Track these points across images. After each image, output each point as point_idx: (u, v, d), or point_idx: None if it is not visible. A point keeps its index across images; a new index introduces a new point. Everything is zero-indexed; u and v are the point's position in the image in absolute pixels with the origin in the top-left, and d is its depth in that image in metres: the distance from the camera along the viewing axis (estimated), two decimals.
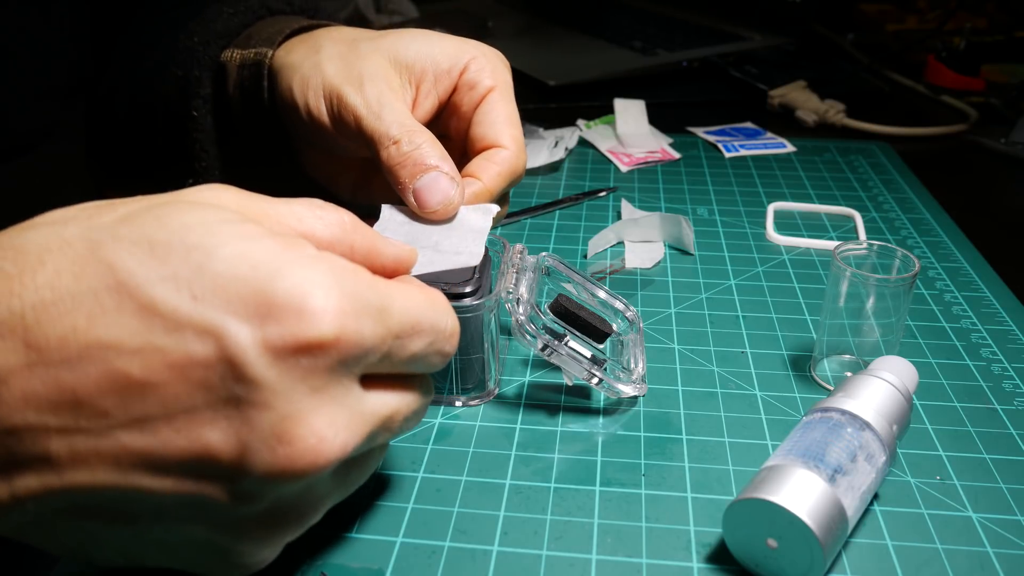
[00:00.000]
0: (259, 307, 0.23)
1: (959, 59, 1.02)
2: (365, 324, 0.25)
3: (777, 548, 0.34)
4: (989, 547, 0.37)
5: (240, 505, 0.25)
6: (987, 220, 0.70)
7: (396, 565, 0.36)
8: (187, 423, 0.23)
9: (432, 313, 0.29)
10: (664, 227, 0.64)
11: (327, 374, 0.24)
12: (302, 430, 0.24)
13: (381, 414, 0.28)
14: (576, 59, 1.07)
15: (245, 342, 0.23)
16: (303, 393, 0.24)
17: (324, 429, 0.24)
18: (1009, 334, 0.53)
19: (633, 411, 0.45)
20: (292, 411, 0.24)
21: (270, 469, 0.24)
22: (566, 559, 0.36)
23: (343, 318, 0.24)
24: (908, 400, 0.40)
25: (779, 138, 0.86)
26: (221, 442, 0.23)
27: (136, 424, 0.23)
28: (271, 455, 0.24)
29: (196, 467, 0.24)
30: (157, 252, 0.23)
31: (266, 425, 0.23)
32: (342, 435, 0.25)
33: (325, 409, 0.24)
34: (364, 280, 0.26)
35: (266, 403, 0.23)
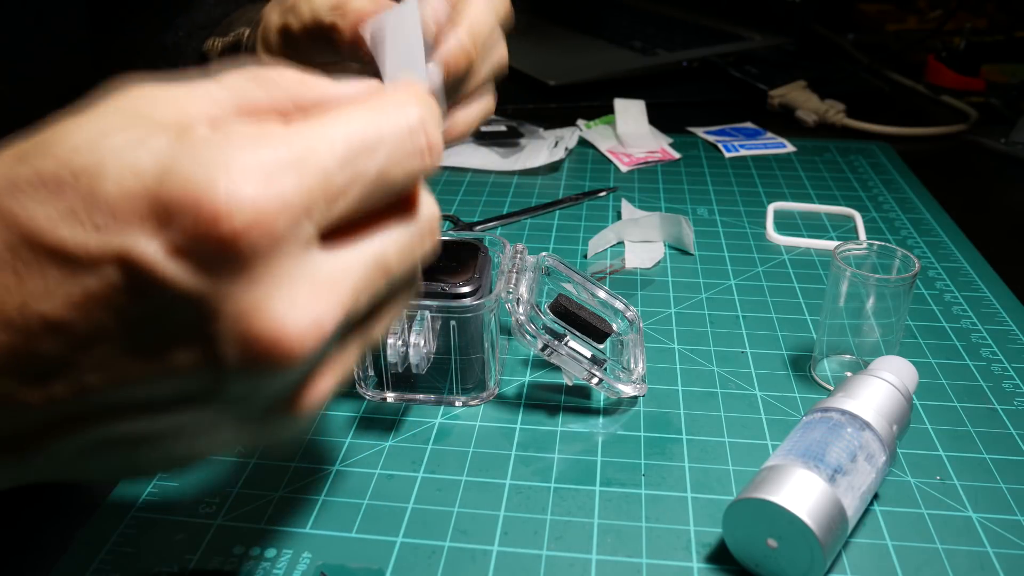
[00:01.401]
0: (158, 216, 0.21)
1: (959, 59, 1.02)
2: (283, 184, 0.21)
3: (777, 548, 0.34)
4: (989, 547, 0.37)
5: (241, 408, 0.24)
6: (987, 220, 0.70)
7: (396, 565, 0.36)
8: (146, 357, 0.22)
9: (375, 118, 0.24)
10: (664, 227, 0.64)
11: (264, 256, 0.21)
12: (261, 324, 0.21)
13: (360, 267, 0.24)
14: (576, 59, 1.07)
15: (156, 258, 0.21)
16: (245, 286, 0.21)
17: (285, 315, 0.22)
18: (1009, 334, 0.53)
19: (633, 411, 0.45)
20: (241, 309, 0.21)
21: (247, 373, 0.22)
22: (566, 559, 0.36)
23: (248, 190, 0.21)
24: (908, 400, 0.40)
25: (779, 138, 0.86)
26: (185, 359, 0.22)
27: (96, 369, 0.22)
28: (241, 360, 0.22)
29: (178, 390, 0.23)
30: (50, 187, 0.21)
31: (222, 333, 0.21)
32: (310, 312, 0.22)
33: (278, 293, 0.22)
34: (268, 136, 0.22)
35: (210, 312, 0.21)
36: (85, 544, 0.37)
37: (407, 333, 0.42)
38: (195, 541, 0.37)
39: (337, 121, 0.23)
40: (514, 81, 1.03)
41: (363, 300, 0.24)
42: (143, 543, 0.37)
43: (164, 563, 0.36)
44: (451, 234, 0.49)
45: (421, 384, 0.46)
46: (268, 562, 0.36)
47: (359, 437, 0.44)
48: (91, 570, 0.36)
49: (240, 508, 0.39)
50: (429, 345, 0.43)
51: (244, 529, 0.38)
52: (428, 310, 0.43)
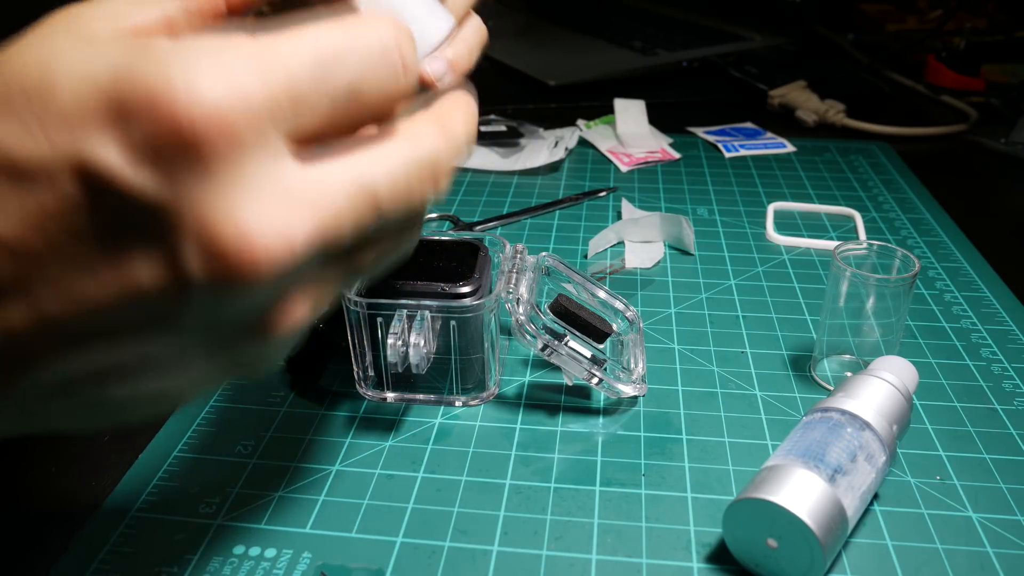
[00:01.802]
0: (114, 117, 0.20)
1: (959, 59, 1.02)
2: (245, 85, 0.20)
3: (777, 548, 0.34)
4: (989, 547, 0.37)
5: (210, 333, 0.22)
6: (987, 220, 0.70)
7: (396, 565, 0.36)
8: (106, 275, 0.21)
9: (346, 32, 0.22)
10: (664, 227, 0.64)
11: (226, 158, 0.20)
12: (225, 232, 0.20)
13: (339, 186, 0.22)
14: (576, 59, 1.07)
15: (113, 161, 0.20)
16: (208, 190, 0.20)
17: (250, 223, 0.20)
18: (1009, 334, 0.53)
19: (633, 411, 0.46)
20: (204, 215, 0.20)
21: (212, 287, 0.21)
22: (566, 559, 0.36)
23: (208, 88, 0.19)
24: (908, 400, 0.40)
25: (779, 138, 0.86)
26: (148, 272, 0.21)
27: (54, 291, 0.21)
28: (205, 271, 0.20)
29: (144, 309, 0.21)
30: (3, 104, 0.20)
31: (185, 242, 0.20)
32: (279, 223, 0.21)
33: (243, 200, 0.20)
34: (230, 42, 0.21)
35: (171, 219, 0.20)
36: (85, 544, 0.37)
37: (407, 333, 0.42)
38: (195, 541, 0.37)
39: (305, 33, 0.22)
40: (514, 81, 1.03)
41: (345, 225, 0.22)
42: (143, 543, 0.37)
43: (164, 563, 0.36)
44: (451, 234, 0.49)
45: (421, 384, 0.46)
46: (268, 562, 0.36)
47: (359, 437, 0.44)
48: (91, 570, 0.36)
49: (240, 508, 0.39)
50: (429, 345, 0.43)
51: (244, 529, 0.38)
52: (428, 310, 0.43)
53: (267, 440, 0.43)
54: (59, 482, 0.41)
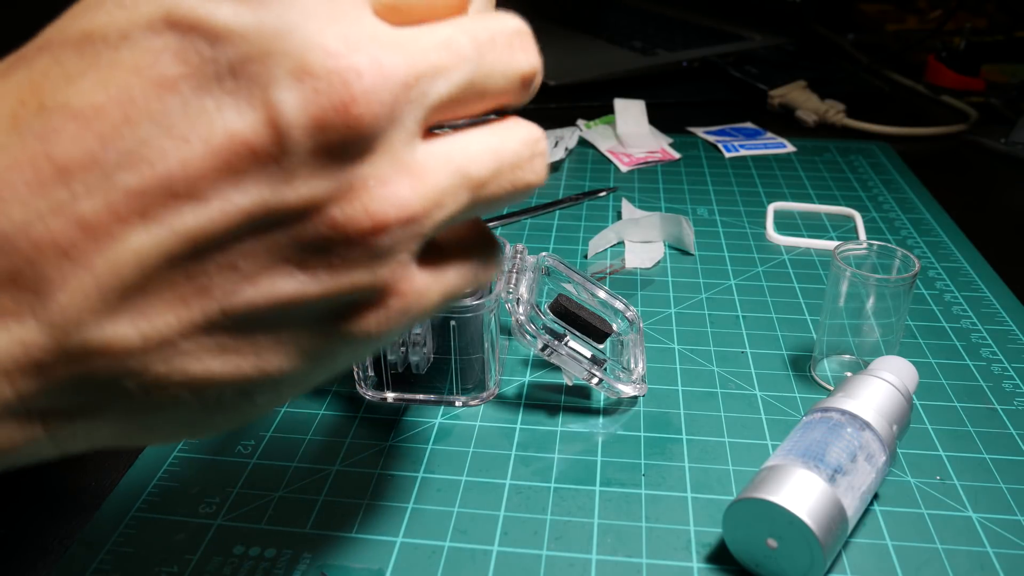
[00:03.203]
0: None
1: (959, 59, 1.02)
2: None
3: (777, 548, 0.34)
4: (989, 547, 0.37)
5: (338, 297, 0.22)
6: (987, 220, 0.70)
7: (396, 565, 0.36)
8: (199, 125, 0.19)
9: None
10: (664, 227, 0.64)
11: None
12: (318, 55, 0.19)
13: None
14: (576, 59, 1.07)
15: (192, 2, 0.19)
16: (297, 15, 0.19)
17: (344, 50, 0.19)
18: (1009, 334, 0.53)
19: (633, 411, 0.46)
20: (299, 42, 0.19)
21: (313, 125, 0.19)
22: (566, 559, 0.36)
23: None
24: (908, 400, 0.40)
25: (779, 138, 0.86)
26: (242, 122, 0.19)
27: (152, 157, 0.19)
28: (300, 101, 0.19)
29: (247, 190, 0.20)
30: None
31: (279, 70, 0.19)
32: (376, 57, 0.20)
33: (339, 28, 0.20)
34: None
35: (262, 46, 0.19)
36: (85, 544, 0.37)
37: (407, 333, 0.42)
38: (195, 541, 0.37)
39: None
40: None
41: (444, 79, 0.22)
42: (143, 543, 0.37)
43: (164, 563, 0.36)
44: None
45: (421, 384, 0.46)
46: (268, 562, 0.36)
47: (359, 437, 0.44)
48: (91, 570, 0.36)
49: (240, 508, 0.39)
50: (429, 345, 0.43)
51: (244, 529, 0.38)
52: None
53: (267, 440, 0.43)
54: (59, 482, 0.41)
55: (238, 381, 0.22)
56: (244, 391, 0.22)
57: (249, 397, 0.22)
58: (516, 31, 0.23)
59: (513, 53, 0.23)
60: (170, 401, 0.21)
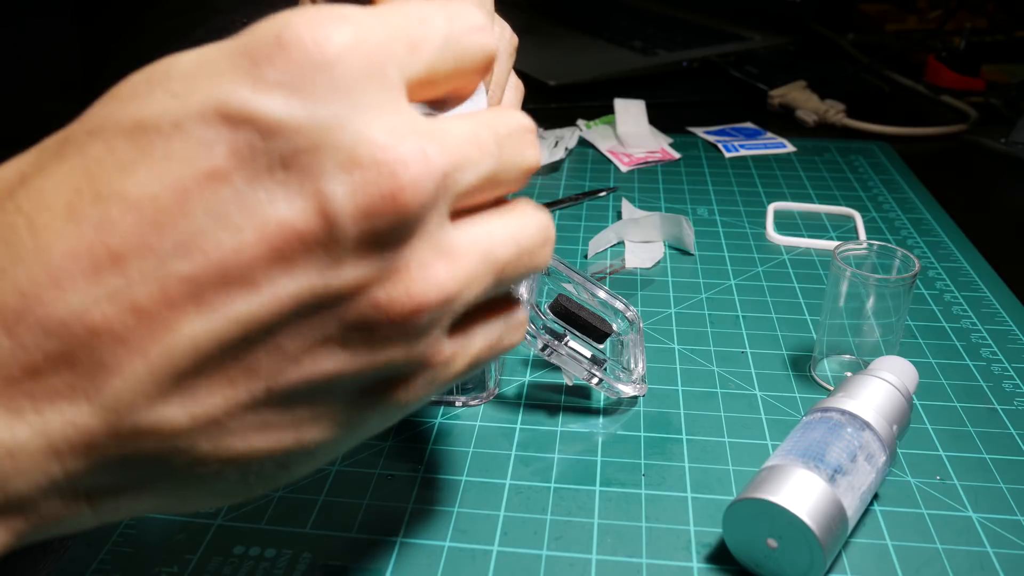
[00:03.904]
0: (245, 63, 0.20)
1: (959, 59, 1.02)
2: (366, 23, 0.21)
3: (777, 548, 0.34)
4: (989, 547, 0.37)
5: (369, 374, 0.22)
6: (987, 220, 0.70)
7: (396, 565, 0.36)
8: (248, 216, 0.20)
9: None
10: (664, 227, 0.64)
11: (361, 83, 0.20)
12: (367, 149, 0.20)
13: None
14: (576, 59, 1.07)
15: (245, 96, 0.20)
16: (348, 112, 0.20)
17: (390, 143, 0.20)
18: (1009, 334, 0.53)
19: (633, 411, 0.46)
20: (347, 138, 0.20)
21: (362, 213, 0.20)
22: (566, 559, 0.36)
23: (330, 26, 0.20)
24: (908, 400, 0.40)
25: (779, 138, 0.86)
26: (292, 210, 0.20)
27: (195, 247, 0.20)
28: (350, 191, 0.20)
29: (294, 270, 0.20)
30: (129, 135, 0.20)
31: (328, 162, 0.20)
32: (419, 148, 0.21)
33: (384, 124, 0.21)
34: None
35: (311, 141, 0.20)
36: (85, 544, 0.37)
37: None
38: (195, 541, 0.37)
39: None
40: None
41: (472, 168, 0.23)
42: (143, 543, 0.37)
43: (164, 563, 0.36)
44: None
45: None
46: (268, 562, 0.36)
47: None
48: (91, 570, 0.36)
49: (240, 508, 0.39)
50: None
51: (244, 529, 0.38)
52: None
53: None
54: None
55: (278, 454, 0.22)
56: (282, 463, 0.23)
57: (286, 468, 0.23)
58: (527, 128, 0.25)
59: (524, 149, 0.25)
60: (212, 475, 0.22)
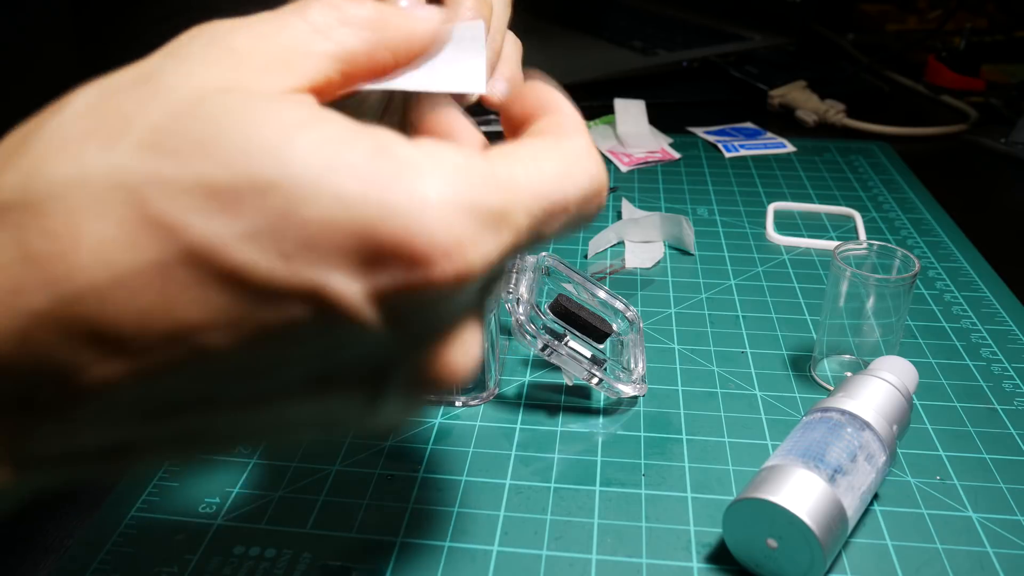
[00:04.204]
0: (361, 252, 0.18)
1: (959, 59, 1.02)
2: (487, 243, 0.20)
3: (777, 548, 0.34)
4: (989, 547, 0.37)
5: (363, 423, 0.23)
6: (987, 220, 0.70)
7: (396, 565, 0.36)
8: (305, 386, 0.20)
9: (569, 182, 0.23)
10: (664, 227, 0.64)
11: (452, 305, 0.21)
12: (435, 368, 0.21)
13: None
14: (576, 59, 1.07)
15: (356, 300, 0.19)
16: (430, 332, 0.21)
17: (457, 358, 0.21)
18: (1009, 334, 0.53)
19: (633, 411, 0.46)
20: (422, 355, 0.21)
21: (402, 407, 0.22)
22: (566, 559, 0.36)
23: (462, 249, 0.19)
24: (908, 400, 0.40)
25: (779, 138, 0.86)
26: (348, 399, 0.21)
27: (253, 403, 0.20)
28: (404, 397, 0.21)
29: (325, 415, 0.22)
30: (224, 202, 0.18)
31: (396, 374, 0.21)
32: (472, 351, 0.22)
33: (455, 338, 0.21)
34: (479, 177, 0.20)
35: (391, 354, 0.20)
36: (85, 544, 0.37)
37: None
38: (195, 541, 0.37)
39: (537, 173, 0.22)
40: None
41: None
42: (143, 543, 0.37)
43: (164, 563, 0.36)
44: None
45: None
46: (268, 562, 0.36)
47: (359, 437, 0.44)
48: (91, 570, 0.36)
49: (240, 508, 0.39)
50: None
51: (244, 529, 0.38)
52: None
53: None
54: None
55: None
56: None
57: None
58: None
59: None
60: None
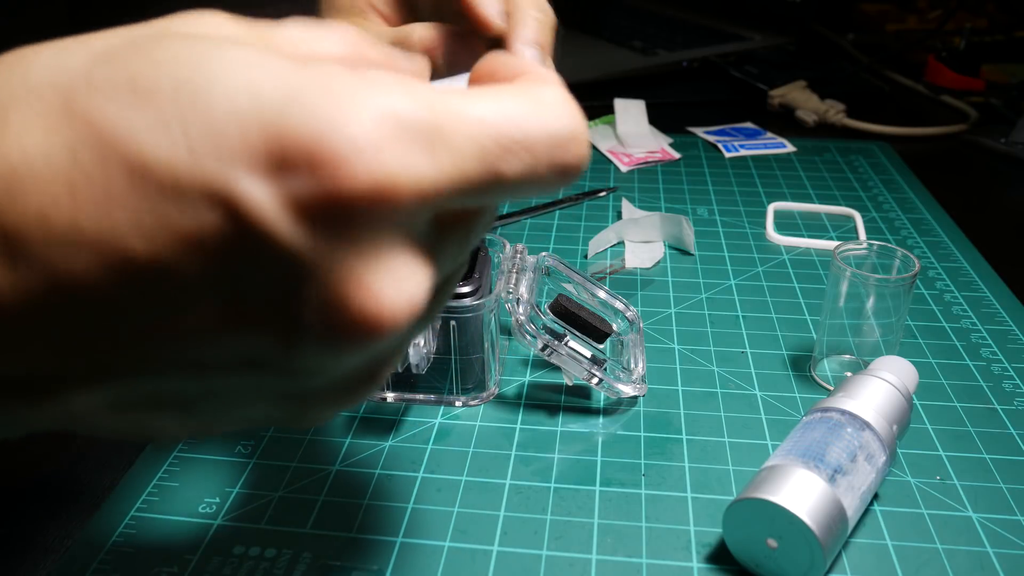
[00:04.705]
0: (271, 152, 0.18)
1: (959, 59, 1.02)
2: (415, 159, 0.18)
3: (777, 548, 0.34)
4: (989, 547, 0.37)
5: (301, 381, 0.21)
6: (987, 220, 0.70)
7: (396, 565, 0.36)
8: (216, 302, 0.19)
9: (531, 120, 0.21)
10: (664, 227, 0.64)
11: (378, 225, 0.19)
12: (356, 292, 0.19)
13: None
14: (576, 59, 1.07)
15: (262, 203, 0.18)
16: (348, 250, 0.19)
17: (382, 285, 0.19)
18: (1009, 334, 0.53)
19: (633, 411, 0.46)
20: (339, 275, 0.19)
21: (327, 342, 0.20)
22: (566, 559, 0.36)
23: (385, 154, 0.18)
24: (908, 400, 0.40)
25: (779, 138, 0.86)
26: (261, 320, 0.19)
27: (156, 311, 0.19)
28: (323, 327, 0.19)
29: (239, 350, 0.20)
30: (140, 94, 0.18)
31: (310, 295, 0.19)
32: (407, 285, 0.20)
33: (382, 263, 0.19)
34: (415, 95, 0.19)
35: (304, 270, 0.19)
36: (85, 544, 0.37)
37: None
38: (195, 541, 0.37)
39: (491, 103, 0.20)
40: None
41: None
42: (143, 543, 0.37)
43: (164, 563, 0.36)
44: None
45: (421, 384, 0.46)
46: (268, 562, 0.36)
47: (359, 437, 0.44)
48: (91, 570, 0.36)
49: (240, 508, 0.39)
50: (429, 345, 0.43)
51: (244, 529, 0.38)
52: None
53: (267, 440, 0.43)
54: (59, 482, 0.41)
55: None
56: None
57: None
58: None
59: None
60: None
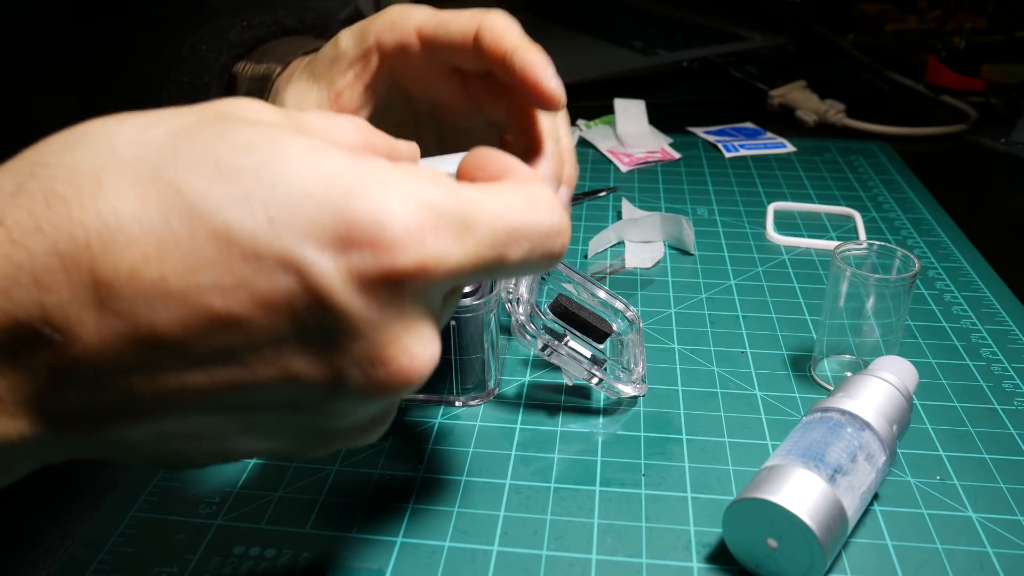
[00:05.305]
0: (339, 234, 0.21)
1: (959, 59, 1.02)
2: (450, 244, 0.23)
3: (777, 548, 0.34)
4: (989, 547, 0.37)
5: (331, 422, 0.25)
6: (987, 220, 0.70)
7: (396, 565, 0.36)
8: (276, 354, 0.22)
9: (531, 216, 0.26)
10: (664, 227, 0.64)
11: (415, 297, 0.23)
12: (395, 352, 0.23)
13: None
14: (576, 59, 1.07)
15: (330, 276, 0.21)
16: (392, 317, 0.23)
17: (416, 347, 0.24)
18: (1009, 334, 0.53)
19: (633, 411, 0.46)
20: (384, 337, 0.23)
21: (363, 392, 0.23)
22: (566, 559, 0.36)
23: (424, 242, 0.22)
24: (908, 400, 0.40)
25: (779, 138, 0.86)
26: (312, 370, 0.23)
27: (223, 358, 0.22)
28: (364, 379, 0.23)
29: (287, 394, 0.23)
30: (224, 171, 0.21)
31: (358, 352, 0.23)
32: (431, 347, 0.24)
33: (415, 329, 0.24)
34: (447, 189, 0.24)
35: (357, 332, 0.22)
36: (85, 544, 0.37)
37: None
38: (195, 541, 0.37)
39: (500, 202, 0.25)
40: None
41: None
42: (143, 543, 0.37)
43: (164, 563, 0.36)
44: None
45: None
46: (268, 562, 0.36)
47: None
48: (91, 570, 0.36)
49: (240, 508, 0.39)
50: None
51: (244, 529, 0.38)
52: None
53: None
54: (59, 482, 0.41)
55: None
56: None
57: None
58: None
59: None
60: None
